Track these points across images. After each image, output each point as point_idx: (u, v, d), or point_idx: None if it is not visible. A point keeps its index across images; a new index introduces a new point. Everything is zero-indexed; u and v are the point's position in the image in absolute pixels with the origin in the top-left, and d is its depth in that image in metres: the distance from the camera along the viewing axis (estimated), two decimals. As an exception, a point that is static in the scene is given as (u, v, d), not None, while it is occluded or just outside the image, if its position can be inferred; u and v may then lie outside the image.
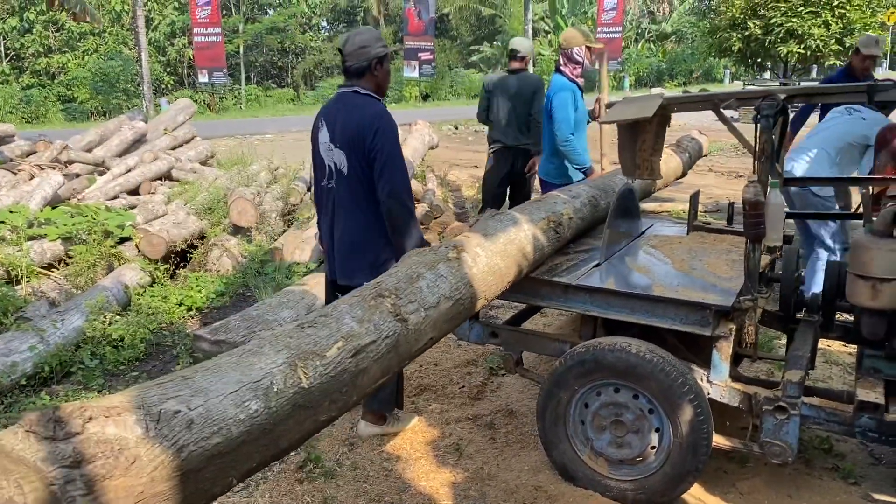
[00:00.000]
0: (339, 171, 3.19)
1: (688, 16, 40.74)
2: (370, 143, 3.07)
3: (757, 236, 2.72)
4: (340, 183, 3.21)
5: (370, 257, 3.23)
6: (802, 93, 3.19)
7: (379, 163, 3.08)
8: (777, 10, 17.15)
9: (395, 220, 3.13)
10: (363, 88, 3.19)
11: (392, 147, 3.10)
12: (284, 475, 3.21)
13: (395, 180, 3.09)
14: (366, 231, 3.21)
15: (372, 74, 3.19)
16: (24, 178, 6.80)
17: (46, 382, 4.10)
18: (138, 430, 1.40)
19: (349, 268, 3.26)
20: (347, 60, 3.18)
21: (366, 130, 3.07)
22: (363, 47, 3.15)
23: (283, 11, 36.78)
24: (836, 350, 4.36)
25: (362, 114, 3.11)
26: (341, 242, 3.27)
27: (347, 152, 3.14)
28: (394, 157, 3.10)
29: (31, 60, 30.44)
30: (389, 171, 3.08)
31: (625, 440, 2.94)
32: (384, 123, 3.09)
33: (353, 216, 3.22)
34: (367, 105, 3.15)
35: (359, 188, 3.17)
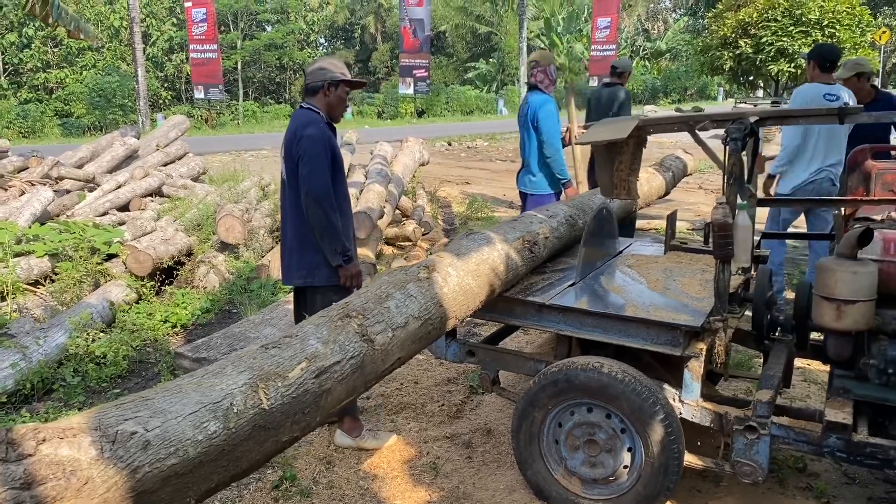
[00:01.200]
0: (283, 179, 3.48)
1: (682, 34, 41.06)
2: (295, 150, 3.32)
3: (726, 257, 2.75)
4: (283, 191, 3.50)
5: (307, 259, 3.43)
6: (776, 115, 3.24)
7: (300, 167, 3.30)
8: (768, 29, 17.32)
9: (313, 221, 3.31)
10: (309, 104, 3.45)
11: (311, 152, 3.29)
12: (260, 493, 3.22)
13: (312, 182, 3.27)
14: (302, 235, 3.42)
15: (323, 95, 3.44)
16: (14, 193, 6.84)
17: (27, 399, 4.11)
18: (92, 452, 1.43)
19: (292, 269, 3.49)
20: (307, 79, 3.47)
21: (293, 138, 3.34)
22: (321, 69, 3.44)
23: (281, 28, 37.00)
24: (815, 369, 4.38)
25: (296, 124, 3.39)
26: (284, 246, 3.55)
27: (286, 161, 3.41)
28: (312, 162, 3.28)
29: (29, 75, 30.57)
30: (307, 174, 3.28)
31: (598, 459, 2.96)
32: (309, 131, 3.31)
33: (292, 221, 3.45)
34: (302, 116, 3.41)
35: (293, 194, 3.40)
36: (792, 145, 5.12)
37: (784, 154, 5.20)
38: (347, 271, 3.41)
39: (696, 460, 2.93)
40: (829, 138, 5.01)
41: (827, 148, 5.03)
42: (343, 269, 3.40)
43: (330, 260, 3.37)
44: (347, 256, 3.39)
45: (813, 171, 5.07)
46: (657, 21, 47.19)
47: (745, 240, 2.81)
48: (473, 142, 20.38)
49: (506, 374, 3.97)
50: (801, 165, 5.15)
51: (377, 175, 7.73)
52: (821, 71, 5.09)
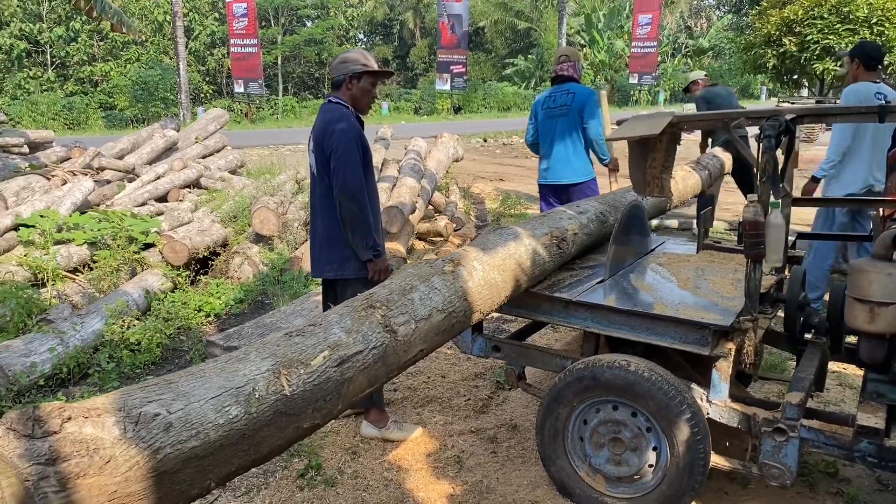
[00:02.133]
0: (312, 173, 3.51)
1: (726, 31, 40.38)
2: (327, 144, 3.34)
3: (757, 256, 2.71)
4: (314, 184, 3.51)
5: (337, 252, 3.46)
6: (812, 113, 3.17)
7: (332, 161, 3.32)
8: (813, 27, 16.91)
9: (345, 216, 3.34)
10: (336, 98, 3.47)
11: (344, 147, 3.31)
12: (285, 482, 3.26)
13: (346, 177, 3.30)
14: (332, 228, 3.44)
15: (346, 88, 3.45)
16: (56, 183, 7.00)
17: (64, 383, 4.23)
18: (116, 432, 1.46)
19: (322, 262, 3.53)
20: (332, 73, 3.50)
21: (324, 132, 3.36)
22: (343, 62, 3.46)
23: (320, 24, 37.29)
24: (850, 373, 4.29)
25: (326, 118, 3.40)
26: (314, 239, 3.57)
27: (316, 155, 3.43)
28: (345, 156, 3.30)
29: (75, 68, 31.27)
30: (340, 170, 3.30)
31: (622, 458, 2.94)
32: (340, 126, 3.33)
33: (322, 214, 3.48)
34: (332, 111, 3.42)
35: (325, 189, 3.42)
36: (841, 147, 4.95)
37: (832, 156, 5.03)
38: (376, 266, 3.43)
39: (722, 461, 2.89)
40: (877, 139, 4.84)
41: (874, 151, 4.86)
42: (372, 263, 3.42)
43: (360, 255, 3.40)
44: (377, 251, 3.41)
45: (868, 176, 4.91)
46: (700, 18, 46.49)
47: (777, 239, 2.76)
48: (509, 138, 20.30)
49: (533, 371, 3.96)
50: (850, 169, 4.98)
51: (410, 170, 7.75)
52: (865, 69, 4.96)
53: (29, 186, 6.77)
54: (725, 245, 3.91)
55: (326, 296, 3.68)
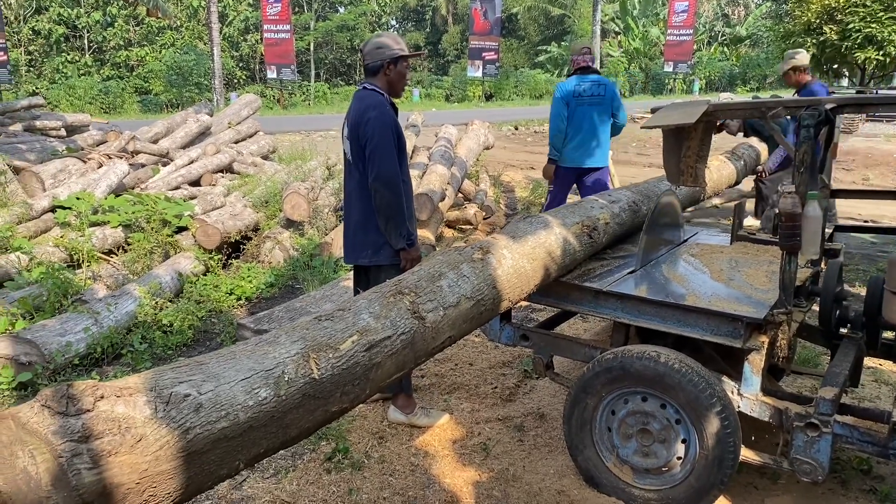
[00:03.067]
0: (348, 160, 3.51)
1: (764, 19, 39.60)
2: (363, 132, 3.33)
3: (792, 248, 2.65)
4: (349, 171, 3.51)
5: (371, 239, 3.46)
6: (852, 102, 3.10)
7: (368, 150, 3.32)
8: (855, 14, 16.48)
9: (380, 204, 3.34)
10: (372, 84, 3.46)
11: (380, 135, 3.30)
12: (313, 464, 3.29)
13: (381, 166, 3.30)
14: (367, 215, 3.44)
15: (384, 74, 3.45)
16: (92, 166, 7.11)
17: (98, 363, 4.30)
18: (147, 411, 1.48)
19: (356, 248, 3.53)
20: (365, 59, 3.47)
21: (360, 120, 3.35)
22: (379, 48, 3.43)
23: (353, 10, 37.30)
24: (888, 369, 4.20)
25: (362, 106, 3.39)
26: (348, 225, 3.57)
27: (351, 142, 3.43)
28: (381, 145, 3.30)
29: (112, 53, 31.68)
30: (376, 158, 3.30)
31: (651, 449, 2.91)
32: (376, 113, 3.32)
33: (358, 201, 3.48)
34: (367, 98, 3.41)
35: (359, 175, 3.43)
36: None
37: None
38: (409, 255, 3.43)
39: (753, 455, 2.86)
40: None
41: None
42: (405, 252, 3.42)
43: (392, 243, 3.41)
44: (410, 240, 3.41)
45: None
46: (737, 5, 45.59)
47: (814, 231, 2.71)
48: (541, 126, 20.15)
49: (561, 360, 3.94)
50: None
51: (440, 157, 7.73)
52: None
53: (66, 169, 6.88)
54: (760, 236, 3.84)
55: (358, 281, 3.69)
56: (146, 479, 1.44)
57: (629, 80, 38.48)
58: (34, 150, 7.78)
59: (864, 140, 16.01)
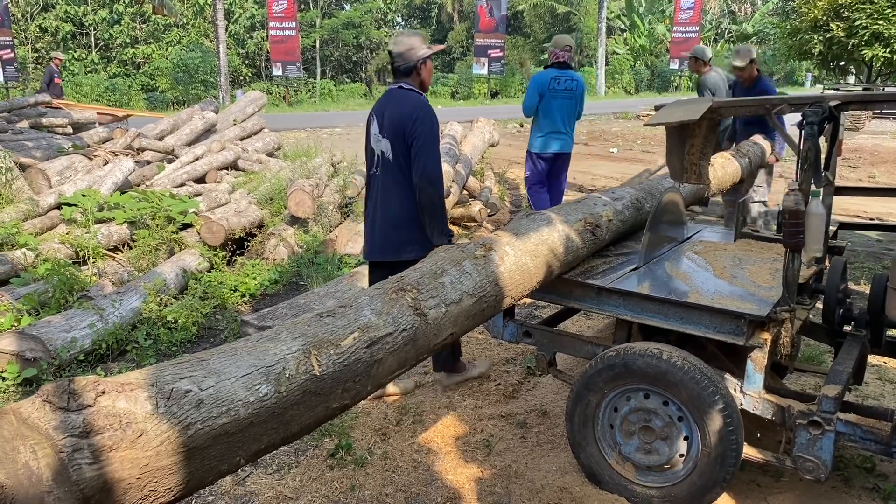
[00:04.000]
0: (385, 158, 3.54)
1: (770, 16, 39.43)
2: (410, 131, 3.40)
3: (796, 245, 2.65)
4: (386, 169, 3.54)
5: (415, 235, 3.53)
6: (857, 99, 3.08)
7: (415, 148, 3.40)
8: (862, 11, 16.37)
9: (425, 202, 3.44)
10: (408, 84, 3.54)
11: (428, 135, 3.41)
12: (316, 461, 3.30)
13: (428, 164, 3.40)
14: (408, 212, 3.52)
15: (417, 73, 3.54)
16: (98, 163, 7.13)
17: (103, 359, 4.32)
18: (148, 407, 1.49)
19: (394, 245, 3.58)
20: (396, 61, 3.54)
21: (407, 120, 3.41)
22: (411, 49, 3.51)
23: (359, 7, 37.29)
24: (891, 367, 4.19)
25: (406, 106, 3.46)
26: (385, 223, 3.59)
27: (392, 141, 3.48)
28: (428, 144, 3.41)
29: (118, 50, 31.75)
30: (423, 156, 3.39)
31: (653, 446, 2.91)
32: (423, 114, 3.42)
33: (397, 199, 3.53)
34: (410, 98, 3.50)
35: (401, 174, 3.49)
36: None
37: None
38: None
39: (755, 453, 2.86)
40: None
41: None
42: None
43: (434, 239, 3.45)
44: (449, 236, 3.52)
45: None
46: (744, 2, 45.41)
47: (817, 229, 2.70)
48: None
49: (564, 357, 3.94)
50: None
51: (445, 154, 7.73)
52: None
53: (72, 166, 6.91)
54: (763, 234, 3.83)
55: (375, 278, 3.65)
56: (147, 475, 1.44)
57: (635, 77, 38.38)
58: (40, 148, 7.82)
59: (870, 137, 15.95)
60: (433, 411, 3.76)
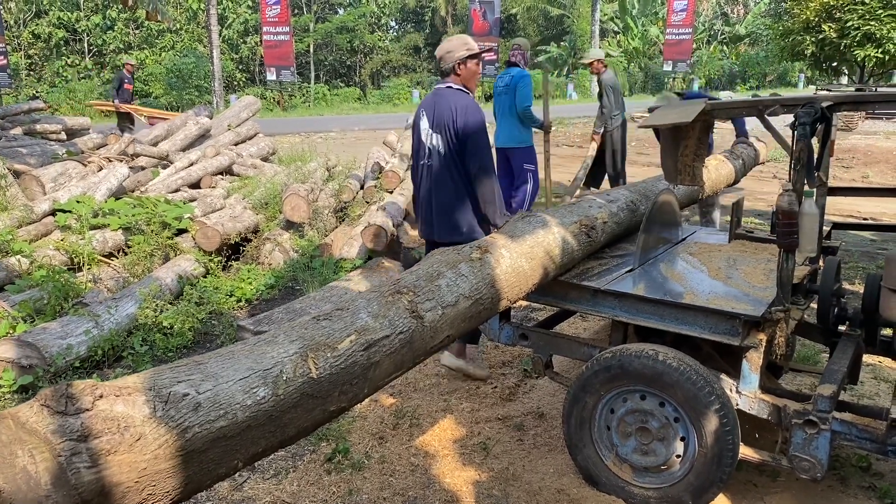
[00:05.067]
0: (437, 151, 3.86)
1: (763, 18, 39.60)
2: (462, 128, 3.74)
3: (790, 246, 2.66)
4: (439, 161, 3.87)
5: (464, 219, 3.87)
6: (849, 100, 3.10)
7: (470, 145, 3.73)
8: (854, 12, 16.45)
9: (483, 191, 3.77)
10: (454, 84, 3.88)
11: (480, 131, 3.76)
12: (313, 465, 3.30)
13: (484, 158, 3.75)
14: (458, 199, 3.86)
15: (456, 73, 3.87)
16: (93, 169, 7.12)
17: (99, 365, 4.31)
18: (146, 410, 1.49)
19: (446, 229, 3.92)
20: (440, 64, 3.91)
21: (458, 117, 3.74)
22: (449, 52, 3.86)
23: (352, 11, 37.32)
24: (886, 366, 4.21)
25: (454, 104, 3.78)
26: (439, 208, 3.92)
27: (443, 136, 3.81)
28: (482, 140, 3.75)
29: (111, 56, 31.70)
30: (479, 151, 3.74)
31: (650, 447, 2.92)
32: (474, 113, 3.76)
33: (448, 187, 3.87)
34: (457, 97, 3.82)
35: (452, 165, 3.82)
36: None
37: None
38: None
39: (752, 453, 2.87)
40: None
41: None
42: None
43: (495, 221, 3.77)
44: (507, 218, 3.70)
45: None
46: (737, 4, 45.58)
47: (811, 229, 2.71)
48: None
49: (560, 360, 3.95)
50: None
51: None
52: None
53: (66, 172, 6.89)
54: (758, 234, 3.85)
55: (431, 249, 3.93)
56: (145, 478, 1.44)
57: (628, 79, 38.48)
58: (35, 154, 7.80)
59: (863, 138, 16.01)
60: (430, 415, 3.76)
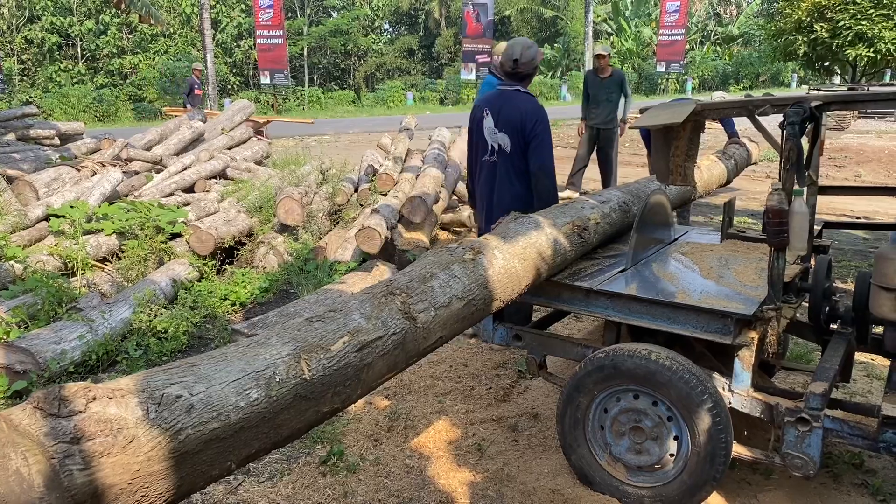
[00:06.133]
0: (501, 149, 4.09)
1: (755, 18, 39.75)
2: (530, 129, 3.96)
3: (780, 244, 2.68)
4: (503, 159, 4.11)
5: None
6: (838, 100, 3.12)
7: (534, 144, 3.96)
8: (846, 12, 16.54)
9: (541, 188, 3.99)
10: (523, 88, 4.12)
11: (545, 133, 3.99)
12: (308, 468, 3.30)
13: (545, 158, 3.98)
14: (519, 196, 4.06)
15: (530, 78, 4.16)
16: (86, 174, 7.10)
17: (93, 370, 4.31)
18: (139, 412, 1.49)
19: None
20: (520, 67, 4.06)
21: (528, 119, 3.97)
22: (533, 59, 4.07)
23: (346, 14, 37.36)
24: (878, 364, 4.23)
25: (526, 107, 4.01)
26: (500, 203, 4.10)
27: (511, 135, 4.02)
28: (546, 141, 3.99)
29: (105, 61, 31.68)
30: (541, 151, 3.97)
31: (643, 447, 2.93)
32: (542, 115, 4.01)
33: (510, 185, 4.11)
34: (528, 101, 4.07)
35: (516, 163, 4.06)
36: None
37: None
38: None
39: (745, 451, 2.88)
40: None
41: None
42: None
43: None
44: None
45: None
46: (729, 5, 45.77)
47: (801, 227, 2.73)
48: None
49: (554, 360, 3.96)
50: None
51: (434, 160, 7.76)
52: None
53: (60, 177, 6.88)
54: (750, 234, 3.86)
55: None
56: (138, 480, 1.45)
57: (622, 81, 38.48)
58: (28, 160, 7.78)
59: (856, 137, 16.08)
60: (425, 416, 3.77)
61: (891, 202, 8.34)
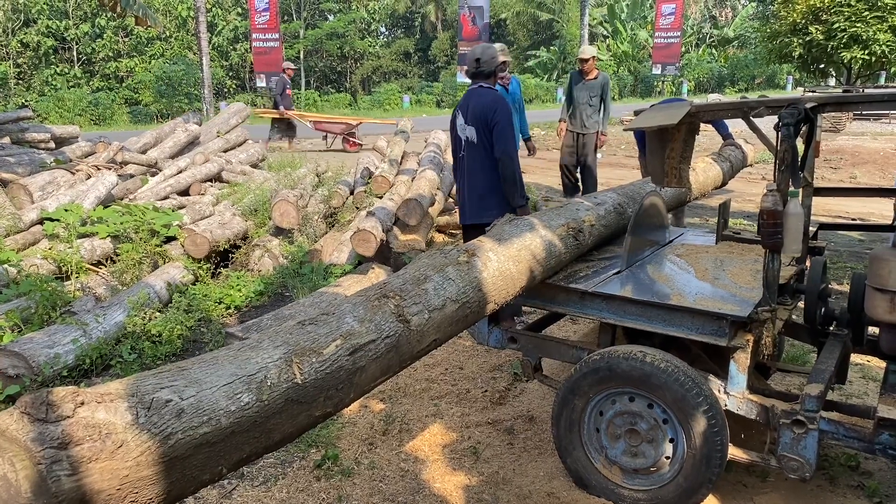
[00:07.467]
0: (470, 142, 4.38)
1: (751, 20, 39.81)
2: (492, 117, 4.24)
3: (774, 246, 2.67)
4: (472, 151, 4.38)
5: (494, 201, 4.32)
6: (832, 101, 3.12)
7: (496, 131, 4.24)
8: (840, 14, 16.59)
9: (505, 173, 4.26)
10: (487, 84, 4.42)
11: (506, 120, 4.26)
12: (303, 472, 3.28)
13: (507, 143, 4.25)
14: (490, 185, 4.34)
15: (494, 75, 4.46)
16: (81, 177, 7.08)
17: (87, 374, 4.29)
18: (128, 417, 1.48)
19: (479, 211, 4.37)
20: (482, 66, 4.38)
21: (489, 109, 4.26)
22: (493, 58, 4.40)
23: (342, 17, 37.34)
24: (874, 365, 4.23)
25: (487, 98, 4.32)
26: (472, 194, 4.43)
27: (476, 127, 4.31)
28: (506, 127, 4.25)
29: (101, 65, 31.61)
30: (503, 137, 4.24)
31: (639, 449, 2.92)
32: (501, 104, 4.30)
33: (481, 174, 4.36)
34: (490, 93, 4.38)
35: (484, 154, 4.32)
36: None
37: None
38: (525, 210, 4.22)
39: (741, 454, 2.87)
40: None
41: None
42: (522, 209, 4.23)
43: (514, 202, 4.26)
44: (526, 199, 4.33)
45: None
46: (724, 7, 45.84)
47: (795, 229, 2.72)
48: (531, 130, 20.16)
49: (550, 362, 3.94)
50: None
51: (430, 162, 7.75)
52: None
53: (54, 181, 6.86)
54: (745, 235, 3.86)
55: (469, 236, 4.32)
56: (127, 485, 1.43)
57: (618, 83, 38.60)
58: (23, 163, 7.74)
59: (851, 139, 16.09)
60: (420, 420, 3.75)
61: (886, 204, 8.35)
